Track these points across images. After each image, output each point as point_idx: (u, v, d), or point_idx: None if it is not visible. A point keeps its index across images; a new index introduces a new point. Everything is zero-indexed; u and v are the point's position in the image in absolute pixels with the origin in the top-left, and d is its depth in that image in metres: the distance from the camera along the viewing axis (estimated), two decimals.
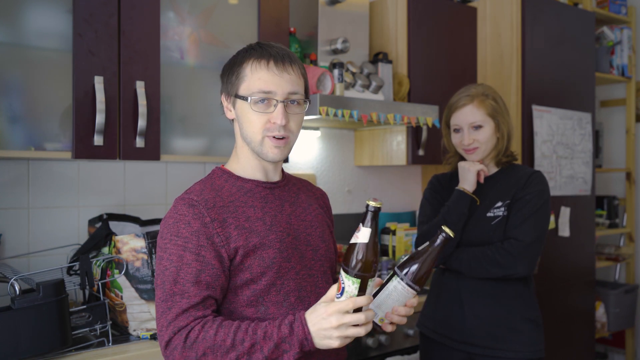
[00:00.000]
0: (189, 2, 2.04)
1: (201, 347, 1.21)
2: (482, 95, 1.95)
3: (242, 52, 1.39)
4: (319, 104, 2.15)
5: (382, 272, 2.61)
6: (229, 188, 1.37)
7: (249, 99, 1.33)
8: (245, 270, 1.30)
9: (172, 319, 1.23)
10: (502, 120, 1.95)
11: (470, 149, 1.96)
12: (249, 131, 1.35)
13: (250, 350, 1.20)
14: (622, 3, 3.86)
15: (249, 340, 1.20)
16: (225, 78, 1.40)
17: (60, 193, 2.11)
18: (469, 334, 1.91)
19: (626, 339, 3.85)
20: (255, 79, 1.33)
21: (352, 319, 1.17)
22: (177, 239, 1.27)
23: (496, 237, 1.90)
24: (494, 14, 2.99)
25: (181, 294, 1.24)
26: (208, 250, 1.27)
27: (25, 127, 1.74)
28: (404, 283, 1.26)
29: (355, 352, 2.17)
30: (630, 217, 3.90)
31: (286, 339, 1.20)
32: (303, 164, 2.82)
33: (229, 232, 1.30)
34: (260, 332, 1.21)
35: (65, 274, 1.85)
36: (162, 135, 1.97)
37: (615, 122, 4.09)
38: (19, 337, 1.51)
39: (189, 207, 1.29)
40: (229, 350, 1.20)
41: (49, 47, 1.78)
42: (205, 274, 1.26)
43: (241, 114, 1.36)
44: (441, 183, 2.10)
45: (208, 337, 1.21)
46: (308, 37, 2.56)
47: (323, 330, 1.18)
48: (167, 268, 1.26)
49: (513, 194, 1.92)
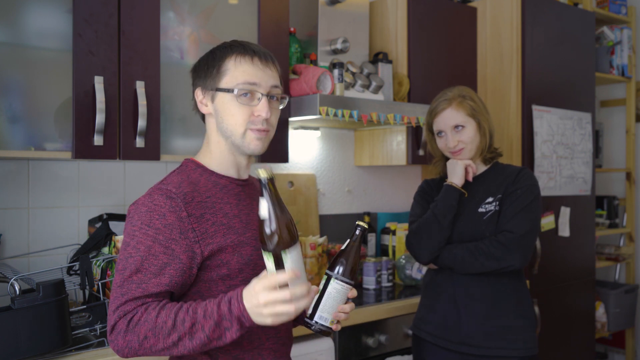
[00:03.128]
0: (189, 2, 2.04)
1: (142, 329, 1.20)
2: (460, 97, 1.98)
3: (221, 48, 1.38)
4: (319, 104, 2.15)
5: (382, 272, 2.62)
6: (205, 183, 1.36)
7: (234, 90, 1.33)
8: (223, 266, 1.31)
9: (121, 303, 1.22)
10: (482, 119, 1.97)
11: (456, 150, 1.97)
12: (230, 124, 1.35)
13: (191, 330, 1.19)
14: (622, 3, 3.86)
15: (190, 320, 1.19)
16: (202, 72, 1.39)
17: (60, 193, 2.11)
18: (465, 335, 1.91)
19: (626, 339, 3.85)
20: (240, 72, 1.34)
21: (278, 296, 1.15)
22: (148, 229, 1.25)
23: (488, 231, 1.92)
24: (494, 14, 2.99)
25: (139, 282, 1.23)
26: (179, 245, 1.26)
27: (25, 127, 1.74)
28: (339, 281, 1.30)
29: (355, 352, 2.17)
30: (630, 217, 3.90)
31: (225, 316, 1.19)
32: (303, 164, 2.82)
33: (206, 227, 1.29)
34: (200, 311, 1.20)
35: (65, 274, 1.85)
36: (162, 135, 1.97)
37: (615, 122, 4.09)
38: (18, 337, 1.51)
39: (166, 198, 1.27)
40: (170, 331, 1.19)
41: (49, 47, 1.78)
42: (170, 267, 1.25)
43: (222, 108, 1.35)
44: (430, 186, 2.12)
45: (149, 319, 1.20)
46: (308, 37, 2.56)
47: (254, 307, 1.17)
48: (132, 255, 1.24)
49: (504, 188, 1.95)
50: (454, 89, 2.02)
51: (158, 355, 1.23)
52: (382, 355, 2.24)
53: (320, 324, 1.29)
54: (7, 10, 1.70)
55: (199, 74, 1.40)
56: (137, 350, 1.21)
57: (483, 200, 1.97)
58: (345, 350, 2.13)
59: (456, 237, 1.95)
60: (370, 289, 2.55)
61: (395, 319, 2.29)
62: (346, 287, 1.31)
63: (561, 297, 2.98)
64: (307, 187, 2.80)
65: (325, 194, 2.90)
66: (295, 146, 2.75)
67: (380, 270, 2.60)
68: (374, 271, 2.57)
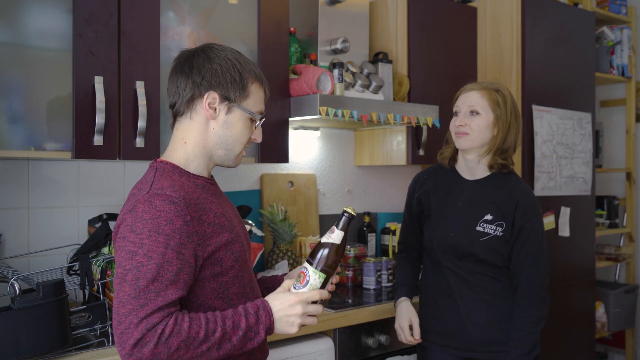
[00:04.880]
0: (189, 2, 2.04)
1: (175, 341, 1.21)
2: (493, 88, 1.93)
3: (245, 67, 1.42)
4: (319, 104, 2.15)
5: (382, 272, 2.61)
6: (189, 185, 1.37)
7: (258, 117, 1.43)
8: (216, 264, 1.34)
9: (144, 316, 1.20)
10: (502, 117, 1.89)
11: (460, 132, 1.91)
12: (235, 140, 1.42)
13: (221, 340, 1.25)
14: (622, 3, 3.86)
15: (220, 330, 1.25)
16: (224, 80, 1.38)
17: (60, 193, 2.11)
18: (470, 342, 1.92)
19: (626, 339, 3.85)
20: (258, 100, 1.45)
21: (313, 309, 1.34)
22: (158, 236, 1.25)
23: (484, 254, 1.88)
24: (494, 14, 2.99)
25: (157, 291, 1.22)
26: (187, 249, 1.28)
27: (25, 127, 1.74)
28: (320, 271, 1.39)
29: (355, 352, 2.17)
30: (630, 217, 3.90)
31: (252, 328, 1.28)
32: (303, 164, 2.82)
33: (204, 229, 1.32)
34: (228, 322, 1.26)
35: (65, 274, 1.85)
36: (162, 135, 1.97)
37: (615, 122, 4.09)
38: (18, 337, 1.51)
39: (169, 204, 1.27)
40: (202, 342, 1.23)
41: (49, 47, 1.78)
42: (184, 272, 1.27)
43: (233, 123, 1.41)
44: (418, 180, 2.10)
45: (182, 331, 1.22)
46: (308, 37, 2.56)
47: (287, 316, 1.30)
48: (144, 264, 1.23)
49: (506, 214, 1.89)
50: (495, 82, 1.98)
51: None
52: (382, 355, 2.24)
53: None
54: (7, 10, 1.70)
55: (219, 80, 1.38)
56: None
57: (481, 216, 1.90)
58: (345, 350, 2.13)
59: (449, 248, 1.93)
60: (370, 289, 2.55)
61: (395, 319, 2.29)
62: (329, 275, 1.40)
63: (561, 297, 2.98)
64: (307, 187, 2.80)
65: (325, 194, 2.90)
66: (295, 146, 2.75)
67: (380, 270, 2.60)
68: (374, 271, 2.57)
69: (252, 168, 2.64)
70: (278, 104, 2.26)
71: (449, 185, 2.01)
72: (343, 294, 2.45)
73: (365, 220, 2.94)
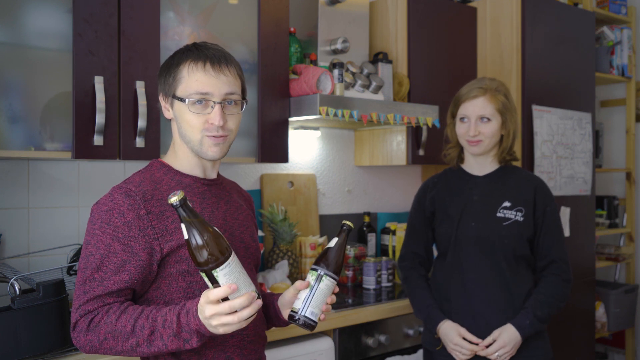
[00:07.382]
0: (189, 2, 2.04)
1: (102, 331, 1.24)
2: (495, 90, 1.97)
3: (179, 53, 1.39)
4: (319, 104, 2.15)
5: (382, 272, 2.61)
6: (168, 182, 1.38)
7: (186, 100, 1.34)
8: (182, 262, 1.32)
9: (83, 302, 1.26)
10: (510, 118, 1.97)
11: (475, 140, 1.96)
12: (187, 131, 1.36)
13: (150, 337, 1.23)
14: (622, 3, 3.86)
15: (149, 327, 1.23)
16: (162, 79, 1.40)
17: (60, 193, 2.11)
18: None
19: (626, 339, 3.85)
20: (193, 81, 1.34)
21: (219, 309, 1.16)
22: (108, 227, 1.28)
23: (507, 237, 1.92)
24: (494, 14, 2.99)
25: (100, 280, 1.26)
26: (138, 242, 1.28)
27: (25, 127, 1.74)
28: (330, 278, 1.36)
29: (355, 352, 2.17)
30: (630, 217, 3.90)
31: (184, 328, 1.22)
32: (303, 164, 2.82)
33: (166, 224, 1.31)
34: (160, 319, 1.23)
35: (65, 274, 1.85)
36: (162, 135, 1.97)
37: (615, 122, 4.09)
38: (18, 337, 1.51)
39: (125, 197, 1.30)
40: (129, 336, 1.23)
41: (49, 47, 1.78)
42: (130, 264, 1.27)
43: (179, 115, 1.37)
44: (429, 186, 2.11)
45: (109, 322, 1.24)
46: (308, 37, 2.56)
47: (204, 319, 1.19)
48: (93, 254, 1.28)
49: (526, 200, 1.95)
50: (492, 80, 2.01)
51: (120, 355, 1.27)
52: (382, 355, 2.24)
53: (310, 318, 1.34)
54: (7, 10, 1.70)
55: (160, 79, 1.41)
56: (97, 349, 1.26)
57: (499, 203, 1.96)
58: (345, 350, 2.13)
59: (471, 240, 1.94)
60: (370, 289, 2.55)
61: (395, 319, 2.29)
62: (334, 283, 1.38)
63: None
64: (307, 187, 2.80)
65: (325, 194, 2.90)
66: (295, 146, 2.75)
67: (380, 270, 2.60)
68: (374, 271, 2.57)
69: (252, 168, 2.64)
70: (278, 104, 2.26)
71: (461, 184, 2.05)
72: (343, 294, 2.45)
73: (365, 220, 2.94)
